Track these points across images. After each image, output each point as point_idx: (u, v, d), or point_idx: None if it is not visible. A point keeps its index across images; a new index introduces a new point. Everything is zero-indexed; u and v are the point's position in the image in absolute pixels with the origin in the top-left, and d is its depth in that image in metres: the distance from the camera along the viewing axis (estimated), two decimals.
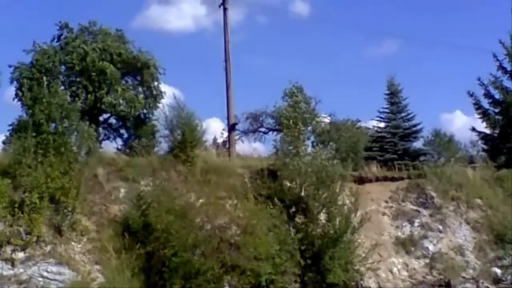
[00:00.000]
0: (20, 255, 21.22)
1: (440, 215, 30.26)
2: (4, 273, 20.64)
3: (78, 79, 32.92)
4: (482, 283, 23.00)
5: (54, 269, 21.34)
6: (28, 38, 46.79)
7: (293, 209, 26.77)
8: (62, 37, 34.07)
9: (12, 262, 20.94)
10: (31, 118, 24.17)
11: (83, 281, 21.62)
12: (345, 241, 25.75)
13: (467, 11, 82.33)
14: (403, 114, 38.84)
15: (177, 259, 22.74)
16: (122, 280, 22.15)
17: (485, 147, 40.76)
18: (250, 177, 28.16)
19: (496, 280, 28.12)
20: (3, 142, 29.21)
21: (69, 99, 25.14)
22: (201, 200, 25.33)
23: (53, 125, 23.77)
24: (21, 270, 20.88)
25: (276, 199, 26.19)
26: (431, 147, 42.15)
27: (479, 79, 38.60)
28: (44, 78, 25.81)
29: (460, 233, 29.88)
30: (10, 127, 31.22)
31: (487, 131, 39.22)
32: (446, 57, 75.85)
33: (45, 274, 21.08)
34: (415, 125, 38.77)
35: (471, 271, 28.44)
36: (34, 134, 23.05)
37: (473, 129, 39.91)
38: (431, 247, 29.13)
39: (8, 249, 21.09)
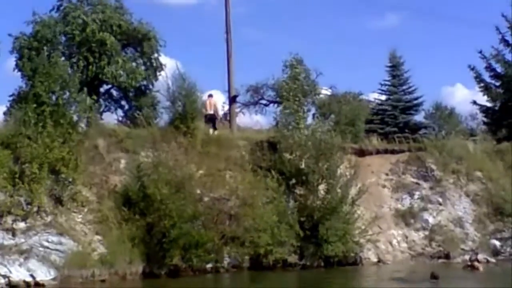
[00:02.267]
0: (21, 225, 21.35)
1: (440, 187, 30.35)
2: (5, 242, 20.74)
3: (78, 50, 32.74)
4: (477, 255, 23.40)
5: (55, 239, 21.48)
6: (27, 7, 46.56)
7: (293, 181, 26.81)
8: (62, 7, 33.85)
9: (13, 232, 21.07)
10: (31, 89, 24.13)
11: (84, 251, 21.78)
12: (343, 213, 25.87)
13: None
14: (404, 87, 38.83)
15: (176, 231, 22.88)
16: (123, 250, 22.35)
17: (485, 120, 40.77)
18: (251, 149, 28.22)
19: (495, 252, 28.24)
20: (4, 113, 29.16)
21: (69, 70, 24.98)
22: (201, 172, 25.44)
23: (53, 96, 23.68)
24: (22, 240, 21.01)
25: (275, 171, 26.25)
26: (432, 120, 42.21)
27: (480, 52, 38.49)
28: (45, 48, 25.64)
29: (460, 205, 29.98)
30: (11, 98, 31.23)
31: (488, 104, 39.17)
32: (448, 30, 75.48)
33: (45, 244, 21.22)
34: (416, 98, 38.78)
35: (470, 243, 28.61)
36: (34, 105, 23.01)
37: (474, 103, 39.88)
38: (430, 220, 29.26)
39: (9, 219, 21.22)
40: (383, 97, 39.26)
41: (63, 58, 28.79)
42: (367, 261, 27.01)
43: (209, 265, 23.84)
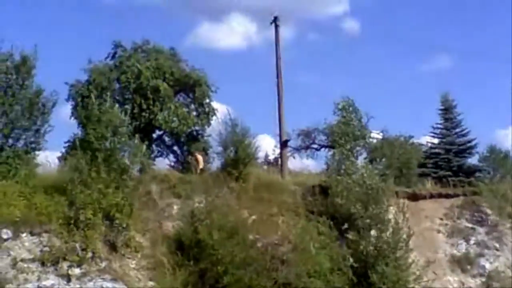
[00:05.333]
0: (76, 271, 21.44)
1: (496, 232, 29.78)
2: None
3: (132, 97, 33.33)
4: None
5: (110, 285, 21.54)
6: (83, 57, 47.69)
7: (345, 226, 26.54)
8: (116, 55, 34.65)
9: (68, 277, 21.19)
10: (84, 136, 24.59)
11: None
12: (396, 259, 25.43)
13: None
14: (457, 130, 38.28)
15: (228, 277, 22.80)
16: None
17: None
18: (302, 193, 28.15)
19: None
20: (58, 159, 29.74)
21: (123, 116, 25.36)
22: (253, 217, 25.44)
23: (106, 142, 23.94)
24: (77, 286, 21.13)
25: (327, 216, 26.06)
26: (486, 163, 41.26)
27: None
28: (92, 95, 26.16)
29: None
30: (66, 144, 31.93)
31: None
32: (501, 71, 74.40)
33: None
34: (469, 141, 38.16)
35: None
36: (87, 151, 23.33)
37: None
38: (487, 265, 28.69)
39: (65, 265, 21.33)
40: (436, 141, 38.78)
41: (117, 105, 29.32)
42: None
43: None
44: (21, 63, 23.82)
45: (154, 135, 35.02)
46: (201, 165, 29.64)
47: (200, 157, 30.31)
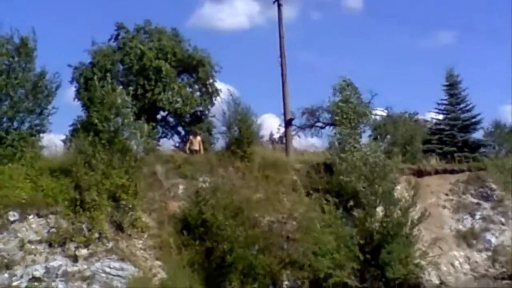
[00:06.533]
0: (83, 251, 21.64)
1: (501, 207, 29.70)
2: (68, 269, 21.07)
3: (135, 78, 33.32)
4: None
5: (117, 265, 21.72)
6: (86, 38, 47.62)
7: (351, 203, 26.52)
8: (119, 37, 34.59)
9: (75, 258, 21.38)
10: (88, 118, 24.62)
11: (145, 276, 21.94)
12: (403, 235, 25.44)
13: None
14: (462, 106, 37.95)
15: (233, 255, 22.92)
16: (183, 275, 22.38)
17: None
18: (307, 172, 28.15)
19: None
20: (63, 142, 29.82)
21: (127, 98, 25.31)
22: (258, 196, 25.46)
23: (110, 124, 23.90)
24: (85, 267, 21.32)
25: (333, 193, 26.04)
26: (491, 138, 41.07)
27: None
28: (95, 77, 26.07)
29: None
30: (71, 127, 32.00)
31: None
32: (503, 47, 74.00)
33: (107, 270, 21.47)
34: (474, 116, 37.83)
35: None
36: (91, 133, 23.33)
37: None
38: (493, 240, 28.64)
39: (72, 246, 21.52)
40: (441, 116, 38.55)
41: (120, 87, 29.28)
42: (429, 283, 26.53)
43: None
44: (21, 46, 23.78)
45: (159, 116, 35.05)
46: (196, 147, 29.41)
47: (196, 138, 29.99)
